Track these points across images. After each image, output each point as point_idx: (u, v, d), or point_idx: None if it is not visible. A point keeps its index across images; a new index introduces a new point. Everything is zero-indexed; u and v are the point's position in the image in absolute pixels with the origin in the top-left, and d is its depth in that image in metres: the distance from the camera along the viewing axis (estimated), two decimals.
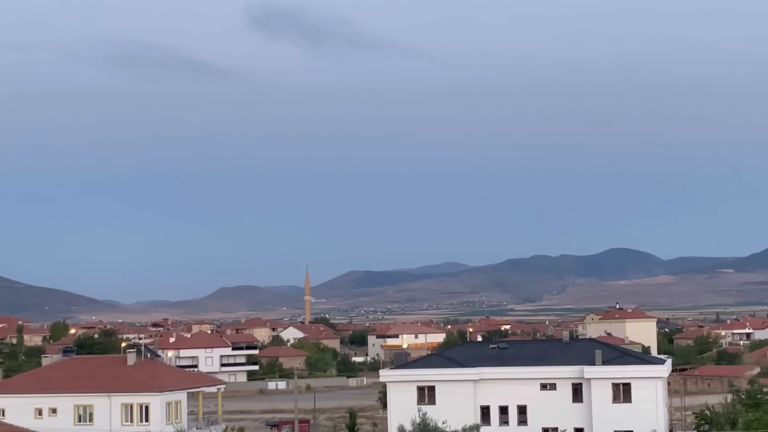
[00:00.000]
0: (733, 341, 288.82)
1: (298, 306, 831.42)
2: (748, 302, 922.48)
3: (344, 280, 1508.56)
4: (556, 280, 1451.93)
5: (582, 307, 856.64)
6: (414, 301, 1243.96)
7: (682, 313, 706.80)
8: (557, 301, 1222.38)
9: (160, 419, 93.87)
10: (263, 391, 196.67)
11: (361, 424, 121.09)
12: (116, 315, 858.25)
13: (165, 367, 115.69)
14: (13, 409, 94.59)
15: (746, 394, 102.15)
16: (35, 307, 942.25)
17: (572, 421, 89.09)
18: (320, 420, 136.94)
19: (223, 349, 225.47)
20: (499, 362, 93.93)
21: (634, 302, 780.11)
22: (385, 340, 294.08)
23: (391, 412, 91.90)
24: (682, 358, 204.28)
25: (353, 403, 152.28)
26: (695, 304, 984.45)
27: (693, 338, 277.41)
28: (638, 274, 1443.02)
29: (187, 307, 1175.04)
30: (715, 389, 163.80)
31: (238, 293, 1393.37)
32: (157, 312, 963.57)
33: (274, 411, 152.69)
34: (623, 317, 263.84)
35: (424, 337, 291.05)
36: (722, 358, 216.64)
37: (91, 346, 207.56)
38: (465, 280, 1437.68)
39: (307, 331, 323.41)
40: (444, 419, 77.12)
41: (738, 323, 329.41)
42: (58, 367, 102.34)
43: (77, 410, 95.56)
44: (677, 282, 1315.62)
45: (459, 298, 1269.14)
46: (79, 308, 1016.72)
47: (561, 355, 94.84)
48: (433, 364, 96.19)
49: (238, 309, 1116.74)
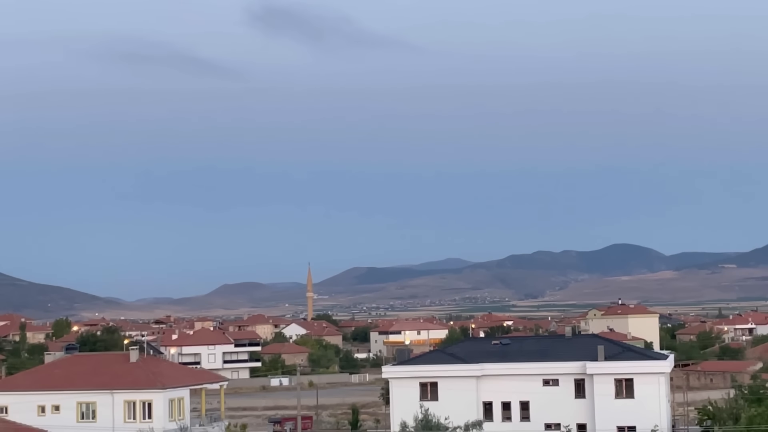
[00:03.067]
0: (735, 336, 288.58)
1: (301, 303, 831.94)
2: (750, 297, 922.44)
3: (347, 277, 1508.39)
4: (558, 276, 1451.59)
5: (584, 302, 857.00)
6: (416, 297, 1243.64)
7: (685, 309, 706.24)
8: (559, 296, 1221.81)
9: (163, 416, 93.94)
10: (266, 388, 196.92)
11: (363, 420, 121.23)
12: (119, 312, 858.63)
13: (168, 364, 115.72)
14: (16, 406, 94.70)
15: (749, 390, 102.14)
16: (38, 304, 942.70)
17: (575, 416, 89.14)
18: (323, 416, 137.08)
19: (226, 345, 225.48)
20: (502, 358, 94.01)
21: (637, 298, 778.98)
22: (387, 337, 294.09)
23: (394, 408, 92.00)
24: (684, 353, 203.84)
25: (356, 399, 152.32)
26: (698, 300, 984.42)
27: (695, 334, 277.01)
28: (640, 270, 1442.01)
29: (190, 304, 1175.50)
30: (718, 385, 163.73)
31: (240, 290, 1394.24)
32: (159, 309, 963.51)
33: (277, 407, 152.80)
34: (625, 313, 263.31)
35: (426, 333, 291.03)
36: (725, 354, 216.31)
37: (93, 344, 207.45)
38: (467, 276, 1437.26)
39: (310, 328, 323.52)
40: (446, 415, 77.02)
41: (740, 318, 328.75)
42: (61, 365, 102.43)
43: (80, 407, 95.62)
44: (679, 277, 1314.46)
45: (461, 294, 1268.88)
46: (82, 305, 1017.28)
47: (563, 350, 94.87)
48: (435, 360, 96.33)
49: (240, 306, 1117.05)
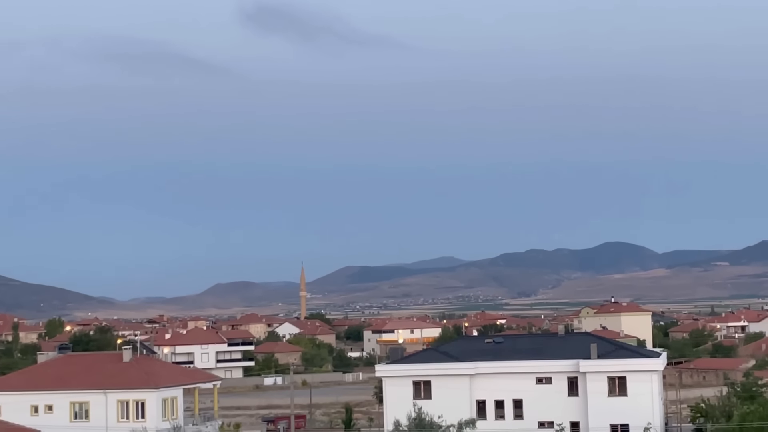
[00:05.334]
0: (728, 334, 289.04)
1: (294, 302, 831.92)
2: (742, 295, 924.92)
3: (340, 276, 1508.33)
4: (551, 274, 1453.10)
5: (577, 301, 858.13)
6: (409, 296, 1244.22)
7: (677, 307, 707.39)
8: (552, 295, 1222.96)
9: (156, 416, 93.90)
10: (259, 387, 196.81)
11: (357, 419, 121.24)
12: (112, 312, 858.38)
13: (161, 363, 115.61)
14: (9, 406, 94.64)
15: (741, 387, 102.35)
16: (30, 304, 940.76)
17: (568, 414, 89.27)
18: (316, 415, 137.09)
19: (219, 345, 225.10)
20: (495, 356, 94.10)
21: (629, 296, 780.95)
22: (380, 335, 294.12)
23: (387, 406, 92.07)
24: (677, 351, 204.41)
25: (349, 398, 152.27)
26: (690, 298, 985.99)
27: (688, 331, 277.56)
28: (633, 268, 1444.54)
29: (183, 303, 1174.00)
30: (711, 382, 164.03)
31: (233, 289, 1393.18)
32: (152, 308, 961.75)
33: (270, 407, 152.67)
34: (618, 311, 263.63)
35: (419, 332, 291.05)
36: (717, 351, 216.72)
37: (86, 343, 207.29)
38: (460, 274, 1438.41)
39: (303, 327, 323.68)
40: (440, 414, 77.10)
41: (733, 316, 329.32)
42: (54, 364, 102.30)
43: (73, 407, 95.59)
44: (672, 275, 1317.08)
45: (454, 292, 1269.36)
46: (75, 305, 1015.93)
47: (556, 349, 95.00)
48: (428, 359, 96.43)
49: (233, 305, 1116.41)
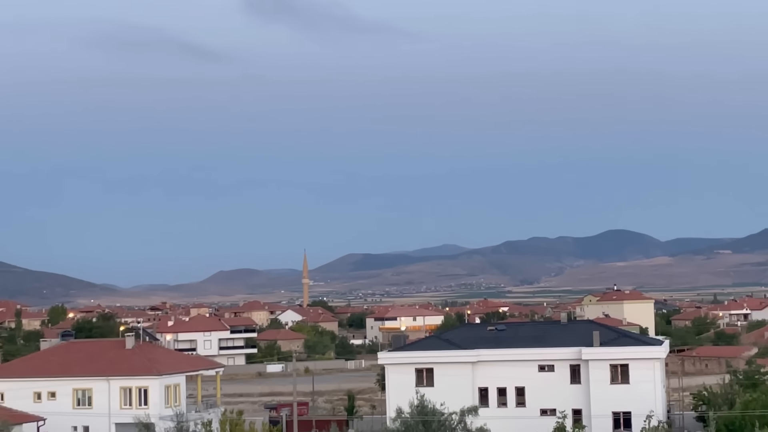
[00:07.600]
0: (730, 322, 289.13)
1: (297, 289, 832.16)
2: (745, 283, 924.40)
3: (342, 263, 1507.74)
4: (554, 262, 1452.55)
5: (580, 288, 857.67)
6: (412, 283, 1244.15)
7: (680, 294, 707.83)
8: (555, 282, 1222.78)
9: (159, 402, 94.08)
10: (262, 374, 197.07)
11: (359, 406, 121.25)
12: (114, 299, 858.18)
13: (163, 350, 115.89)
14: (12, 393, 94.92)
15: (744, 375, 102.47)
16: (33, 291, 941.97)
17: (570, 402, 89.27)
18: (319, 402, 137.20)
19: (222, 332, 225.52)
20: (497, 344, 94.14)
21: (632, 284, 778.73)
22: (383, 323, 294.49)
23: (390, 394, 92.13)
24: (679, 339, 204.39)
25: (352, 385, 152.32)
26: (693, 285, 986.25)
27: (691, 319, 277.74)
28: (636, 256, 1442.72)
29: (186, 290, 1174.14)
30: (713, 370, 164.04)
31: (236, 277, 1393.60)
32: (155, 295, 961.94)
33: (273, 394, 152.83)
34: (621, 299, 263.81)
35: (422, 319, 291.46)
36: (720, 339, 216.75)
37: (89, 330, 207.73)
38: (463, 262, 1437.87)
39: (306, 314, 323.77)
40: (442, 401, 77.11)
41: (735, 304, 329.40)
42: (57, 351, 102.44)
43: (76, 394, 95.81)
44: (675, 263, 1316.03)
45: (457, 280, 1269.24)
46: (78, 292, 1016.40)
47: (559, 336, 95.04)
48: (431, 347, 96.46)
49: (236, 292, 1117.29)
